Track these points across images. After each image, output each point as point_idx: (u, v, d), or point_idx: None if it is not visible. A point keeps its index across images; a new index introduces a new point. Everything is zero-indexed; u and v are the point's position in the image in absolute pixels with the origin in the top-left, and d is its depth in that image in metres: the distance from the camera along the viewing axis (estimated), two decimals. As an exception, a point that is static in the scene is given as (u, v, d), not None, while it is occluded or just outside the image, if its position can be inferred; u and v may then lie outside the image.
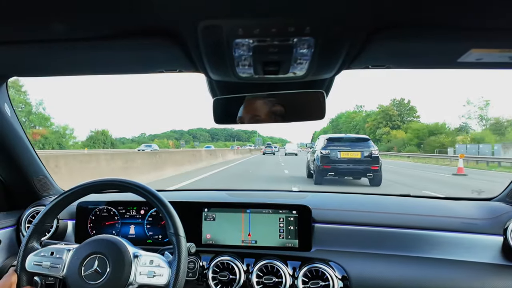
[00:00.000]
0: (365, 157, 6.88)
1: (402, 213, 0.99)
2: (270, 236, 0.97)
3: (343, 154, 7.06)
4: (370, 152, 6.90)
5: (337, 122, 71.00)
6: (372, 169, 6.78)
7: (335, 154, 7.02)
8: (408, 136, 38.10)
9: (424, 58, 0.64)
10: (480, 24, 0.49)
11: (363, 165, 6.86)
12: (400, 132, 43.26)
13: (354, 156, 7.01)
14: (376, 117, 50.48)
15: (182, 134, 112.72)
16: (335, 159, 6.94)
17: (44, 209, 0.76)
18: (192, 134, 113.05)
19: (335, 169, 6.94)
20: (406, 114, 49.48)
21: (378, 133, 46.56)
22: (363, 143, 7.09)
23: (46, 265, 0.70)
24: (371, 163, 6.81)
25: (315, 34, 0.49)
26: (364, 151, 6.93)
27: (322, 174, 6.99)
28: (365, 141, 7.19)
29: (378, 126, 48.15)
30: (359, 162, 6.90)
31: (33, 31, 0.51)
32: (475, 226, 0.91)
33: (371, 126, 49.54)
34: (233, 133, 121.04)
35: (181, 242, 0.70)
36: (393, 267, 0.89)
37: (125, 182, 0.75)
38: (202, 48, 0.54)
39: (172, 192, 1.31)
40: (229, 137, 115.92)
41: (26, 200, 1.09)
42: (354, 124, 60.01)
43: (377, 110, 52.69)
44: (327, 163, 6.93)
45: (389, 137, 44.05)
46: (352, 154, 7.09)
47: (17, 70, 0.77)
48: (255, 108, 0.83)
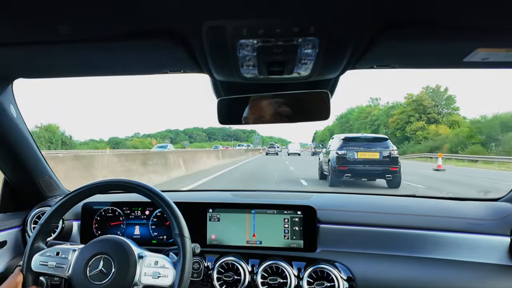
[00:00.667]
0: (384, 158, 6.59)
1: (407, 214, 0.98)
2: (275, 237, 0.97)
3: (360, 155, 6.77)
4: (389, 152, 6.52)
5: (347, 119, 61.03)
6: (391, 170, 6.50)
7: (352, 155, 6.77)
8: (462, 131, 26.80)
9: (430, 58, 0.64)
10: (486, 24, 0.48)
11: (382, 166, 6.59)
12: (441, 127, 32.74)
13: (372, 157, 6.72)
14: (404, 109, 38.97)
15: (177, 134, 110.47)
16: (352, 160, 6.73)
17: (49, 209, 0.77)
18: (188, 133, 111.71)
19: (352, 170, 6.71)
20: (444, 106, 38.10)
21: (410, 128, 35.86)
22: (381, 143, 6.80)
23: (52, 265, 0.71)
24: (390, 164, 6.53)
25: (319, 34, 0.49)
26: (382, 151, 6.58)
27: (338, 176, 6.78)
28: (383, 140, 6.92)
29: (409, 120, 36.95)
30: (377, 163, 6.64)
31: (38, 33, 0.52)
32: (482, 226, 0.90)
33: (398, 121, 38.36)
34: (231, 133, 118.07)
35: (186, 243, 0.70)
36: (399, 268, 0.89)
37: (129, 182, 0.76)
38: (207, 48, 0.54)
39: (176, 193, 1.32)
40: (226, 137, 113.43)
41: (32, 201, 1.12)
42: (372, 119, 48.61)
43: (404, 101, 40.25)
44: (344, 164, 6.71)
45: (425, 133, 33.23)
46: (370, 154, 6.80)
47: (23, 72, 0.79)
48: (259, 109, 0.83)
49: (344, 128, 57.06)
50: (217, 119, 0.84)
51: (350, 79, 76.64)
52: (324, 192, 1.27)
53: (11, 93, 0.95)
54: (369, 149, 6.78)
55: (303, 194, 1.27)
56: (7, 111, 0.94)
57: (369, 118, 49.65)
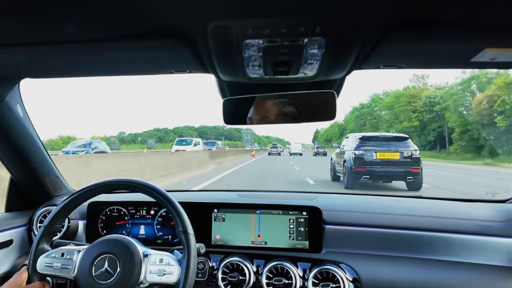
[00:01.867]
0: (405, 158, 6.28)
1: (413, 215, 0.98)
2: (280, 237, 0.98)
3: (379, 155, 6.49)
4: (411, 152, 6.20)
5: (370, 109, 48.01)
6: (412, 171, 6.19)
7: (371, 155, 6.53)
8: None
9: (437, 58, 0.64)
10: (495, 23, 0.48)
11: (402, 167, 6.34)
12: None
13: (392, 157, 6.48)
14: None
15: (166, 133, 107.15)
16: (371, 161, 6.49)
17: (54, 210, 0.78)
18: (178, 132, 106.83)
19: (370, 172, 6.50)
20: None
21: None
22: (401, 143, 6.55)
23: (57, 266, 0.72)
24: (412, 165, 6.29)
25: (325, 34, 0.49)
26: (403, 152, 6.26)
27: (355, 178, 6.57)
28: (403, 140, 6.68)
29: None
30: (398, 164, 6.40)
31: (45, 32, 0.53)
32: (489, 228, 0.90)
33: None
34: (224, 132, 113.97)
35: (190, 240, 0.71)
36: (405, 269, 0.89)
37: (134, 182, 0.77)
38: (212, 49, 0.55)
39: (181, 193, 1.34)
40: (219, 136, 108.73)
41: (38, 200, 1.15)
42: (427, 103, 31.74)
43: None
44: (361, 165, 6.50)
45: None
46: (390, 154, 6.56)
47: (30, 72, 0.80)
48: (265, 109, 0.84)
49: (364, 123, 46.92)
50: (222, 119, 0.85)
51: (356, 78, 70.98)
52: (330, 192, 1.26)
53: (18, 93, 0.97)
54: (388, 149, 6.53)
55: (308, 195, 1.26)
56: (14, 111, 0.96)
57: (419, 104, 33.54)
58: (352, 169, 6.56)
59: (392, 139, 6.80)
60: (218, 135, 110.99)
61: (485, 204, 1.06)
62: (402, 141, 6.62)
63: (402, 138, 6.74)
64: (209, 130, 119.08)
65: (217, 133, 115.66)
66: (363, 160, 6.47)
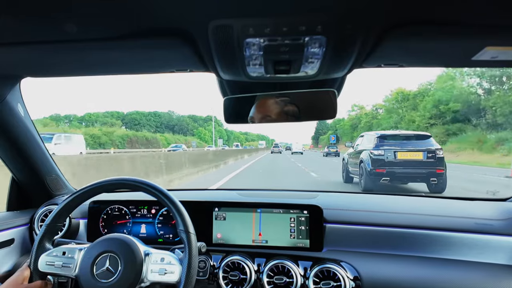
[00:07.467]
0: (428, 158, 6.01)
1: (414, 213, 1.02)
2: (281, 236, 1.02)
3: (401, 155, 6.25)
4: (434, 152, 5.91)
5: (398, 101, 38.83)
6: (437, 172, 5.94)
7: (391, 155, 6.29)
8: None
9: (438, 57, 0.67)
10: (496, 22, 0.50)
11: (426, 168, 6.11)
12: None
13: (415, 158, 6.24)
14: None
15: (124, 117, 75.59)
16: (391, 162, 6.26)
17: (55, 209, 0.82)
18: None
19: (391, 174, 6.27)
20: None
21: None
22: (424, 141, 6.35)
23: (59, 265, 0.76)
24: (436, 166, 6.07)
25: (326, 33, 0.51)
26: (426, 151, 5.96)
27: (375, 180, 6.31)
28: (425, 138, 6.50)
29: None
30: (421, 164, 6.16)
31: (46, 32, 0.56)
32: (491, 227, 0.93)
33: None
34: (173, 120, 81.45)
35: (191, 238, 0.74)
36: (406, 268, 0.92)
37: (135, 181, 0.80)
38: (213, 47, 0.57)
39: (182, 192, 1.39)
40: (162, 127, 76.40)
41: (39, 199, 1.21)
42: None
43: None
44: (381, 166, 6.26)
45: None
46: (412, 155, 6.33)
47: (30, 71, 0.84)
48: (266, 108, 0.88)
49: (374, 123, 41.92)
50: (223, 118, 0.89)
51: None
52: (331, 191, 1.31)
53: (18, 92, 1.02)
54: (411, 148, 6.28)
55: (309, 194, 1.30)
56: (15, 110, 1.01)
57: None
58: (371, 171, 6.34)
59: (412, 138, 6.57)
60: (160, 125, 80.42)
61: (487, 202, 1.09)
62: (424, 139, 6.41)
63: (424, 137, 6.54)
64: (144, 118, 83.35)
65: (158, 122, 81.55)
66: (383, 161, 6.26)
